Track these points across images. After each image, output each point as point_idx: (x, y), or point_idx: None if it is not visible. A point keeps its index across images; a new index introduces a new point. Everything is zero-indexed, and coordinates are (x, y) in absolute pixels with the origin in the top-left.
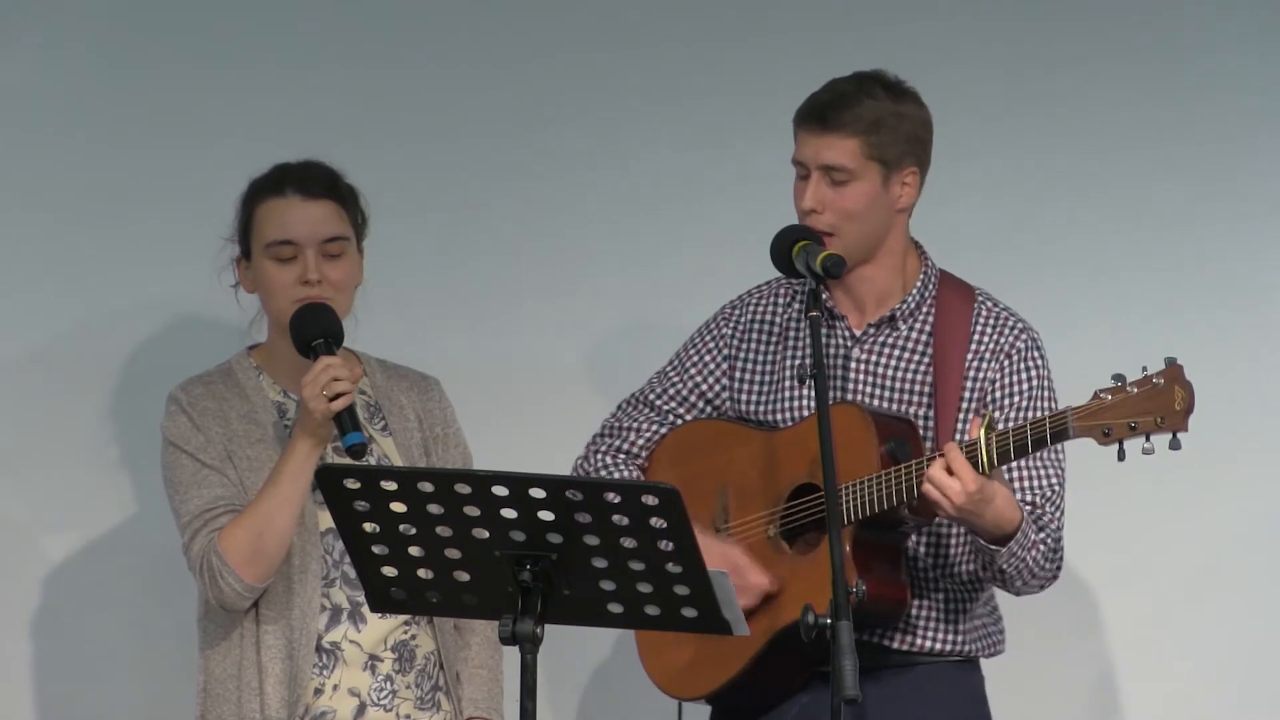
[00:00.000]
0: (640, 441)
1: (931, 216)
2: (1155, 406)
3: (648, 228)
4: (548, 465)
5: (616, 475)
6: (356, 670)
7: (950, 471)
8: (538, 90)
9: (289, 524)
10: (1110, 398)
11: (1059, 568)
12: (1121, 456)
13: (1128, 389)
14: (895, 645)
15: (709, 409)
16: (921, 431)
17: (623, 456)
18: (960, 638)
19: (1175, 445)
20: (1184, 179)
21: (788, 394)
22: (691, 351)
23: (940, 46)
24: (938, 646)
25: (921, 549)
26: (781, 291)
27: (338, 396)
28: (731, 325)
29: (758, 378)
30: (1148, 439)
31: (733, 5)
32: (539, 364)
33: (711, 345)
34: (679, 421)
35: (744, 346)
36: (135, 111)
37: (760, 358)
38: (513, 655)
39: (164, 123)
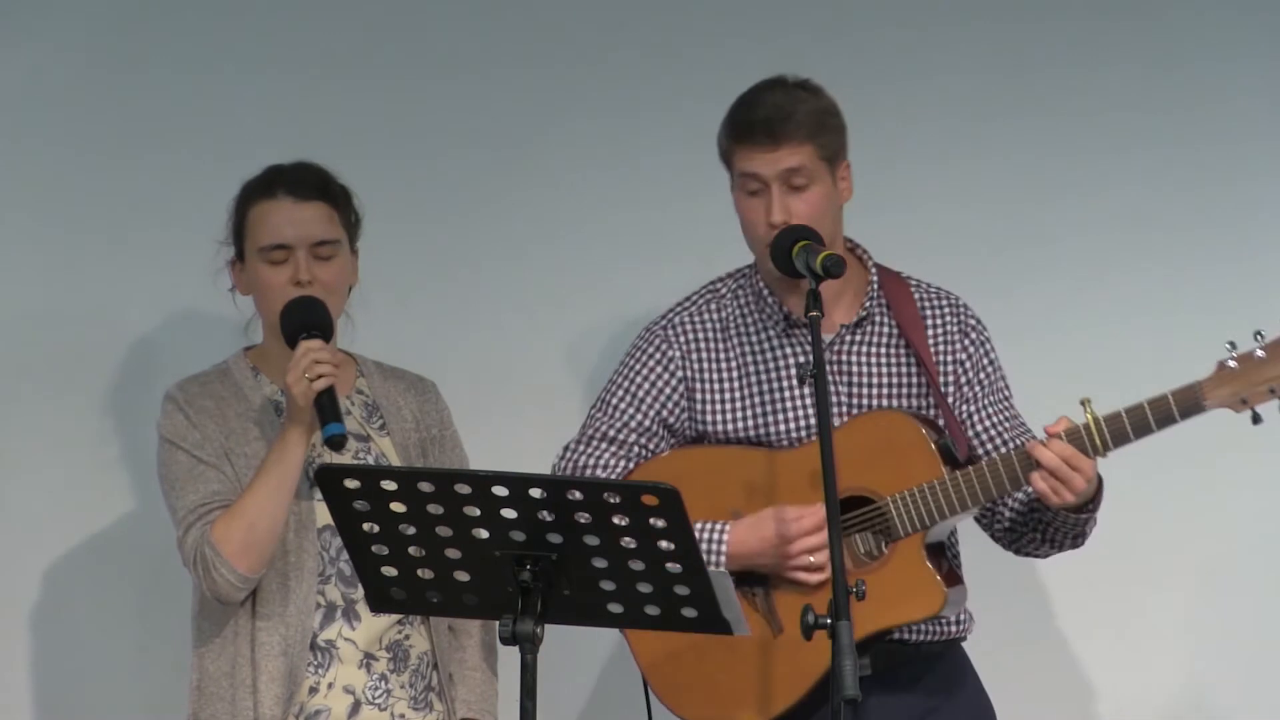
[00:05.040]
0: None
1: (928, 220)
2: None
3: (646, 228)
4: (547, 465)
5: None
6: (352, 668)
7: (1069, 464)
8: (536, 91)
9: (281, 512)
10: (1238, 365)
11: None
12: (1257, 420)
13: (1255, 355)
14: (909, 638)
15: (670, 436)
16: None
17: None
18: (959, 618)
19: None
20: (1182, 182)
21: (787, 403)
22: (639, 379)
23: (937, 50)
24: (950, 630)
25: None
26: (712, 307)
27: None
28: (676, 347)
29: (728, 394)
30: None
31: (729, 9)
32: (538, 364)
33: (660, 370)
34: (645, 454)
35: (699, 366)
36: (134, 113)
37: (723, 373)
38: (512, 655)
39: (162, 124)
